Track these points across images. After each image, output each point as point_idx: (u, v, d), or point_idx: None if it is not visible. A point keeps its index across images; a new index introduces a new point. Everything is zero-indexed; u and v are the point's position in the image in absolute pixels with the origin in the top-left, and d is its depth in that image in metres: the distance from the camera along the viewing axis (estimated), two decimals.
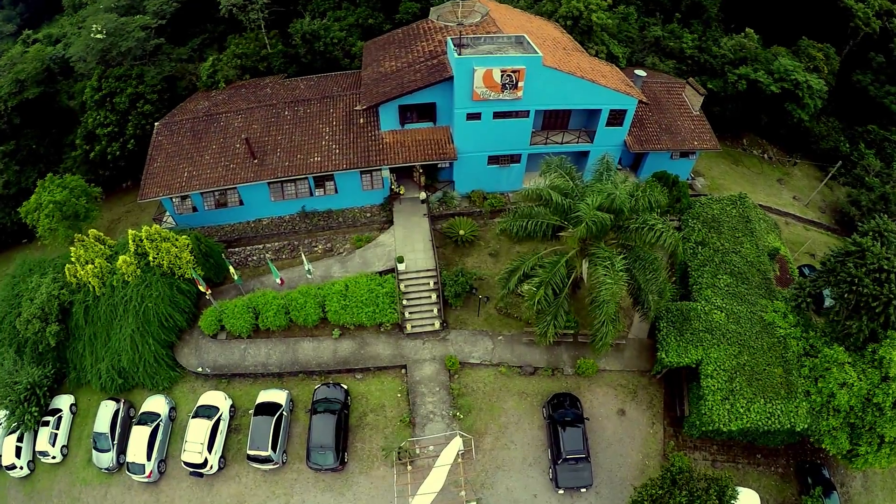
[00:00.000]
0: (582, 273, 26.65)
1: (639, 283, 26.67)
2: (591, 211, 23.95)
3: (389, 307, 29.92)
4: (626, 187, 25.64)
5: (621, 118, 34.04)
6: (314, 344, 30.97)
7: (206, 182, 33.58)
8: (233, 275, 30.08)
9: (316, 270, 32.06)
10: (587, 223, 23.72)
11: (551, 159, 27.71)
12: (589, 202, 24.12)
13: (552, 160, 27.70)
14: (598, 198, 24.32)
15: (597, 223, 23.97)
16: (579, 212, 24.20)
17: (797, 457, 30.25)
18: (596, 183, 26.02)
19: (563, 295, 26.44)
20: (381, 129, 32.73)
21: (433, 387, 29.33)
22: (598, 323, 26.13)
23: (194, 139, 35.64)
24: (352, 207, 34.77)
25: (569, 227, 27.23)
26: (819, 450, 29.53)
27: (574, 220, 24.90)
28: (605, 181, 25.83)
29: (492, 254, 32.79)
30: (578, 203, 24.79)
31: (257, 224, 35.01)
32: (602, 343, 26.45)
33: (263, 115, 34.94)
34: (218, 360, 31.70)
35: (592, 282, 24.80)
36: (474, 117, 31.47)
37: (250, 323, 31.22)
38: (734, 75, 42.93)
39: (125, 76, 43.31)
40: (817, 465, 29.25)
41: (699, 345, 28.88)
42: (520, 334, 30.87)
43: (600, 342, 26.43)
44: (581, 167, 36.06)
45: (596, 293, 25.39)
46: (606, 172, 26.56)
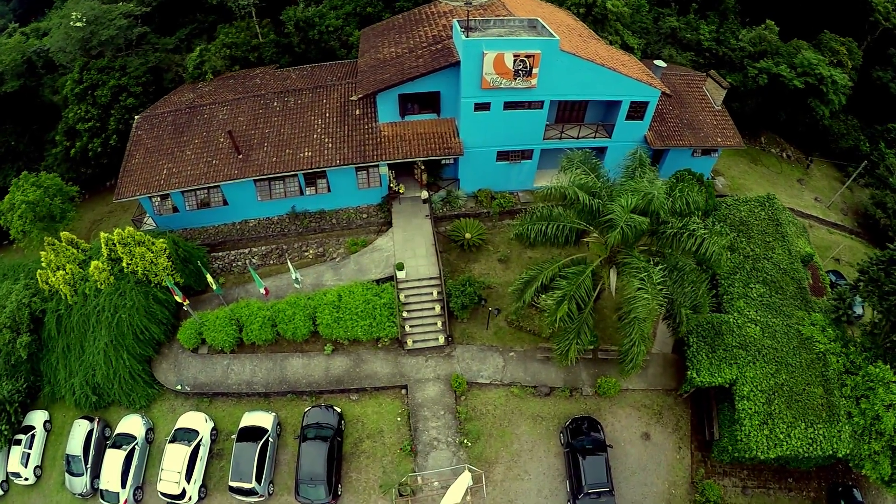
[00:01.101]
0: (609, 285, 21.95)
1: (672, 296, 21.99)
2: (625, 214, 19.23)
3: (388, 320, 25.15)
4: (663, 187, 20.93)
5: (642, 111, 29.27)
6: (304, 360, 26.18)
7: (186, 180, 28.73)
8: (211, 283, 25.27)
9: (306, 278, 27.24)
10: (622, 228, 19.00)
11: (573, 154, 22.95)
12: (623, 203, 19.38)
13: (574, 155, 22.94)
14: (632, 199, 19.59)
15: (632, 228, 19.27)
16: (611, 214, 19.48)
17: (829, 479, 25.85)
18: (628, 181, 21.29)
19: (587, 310, 21.73)
20: (379, 122, 27.89)
21: (437, 410, 24.58)
22: (627, 342, 21.46)
23: (175, 133, 30.77)
24: (346, 208, 29.88)
25: (593, 232, 22.54)
26: (850, 470, 25.50)
27: (604, 223, 20.19)
28: (639, 179, 21.11)
29: (501, 259, 28.02)
30: (609, 204, 20.06)
31: (243, 226, 30.14)
32: (633, 364, 21.77)
33: (250, 107, 30.08)
34: (199, 376, 26.94)
35: (626, 296, 20.08)
36: (483, 108, 26.67)
37: (233, 336, 26.45)
38: (754, 69, 38.18)
39: (108, 68, 38.39)
40: (849, 487, 25.18)
41: (733, 362, 24.52)
42: (533, 350, 26.16)
43: (630, 363, 21.74)
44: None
45: (628, 308, 20.67)
46: (639, 169, 21.81)
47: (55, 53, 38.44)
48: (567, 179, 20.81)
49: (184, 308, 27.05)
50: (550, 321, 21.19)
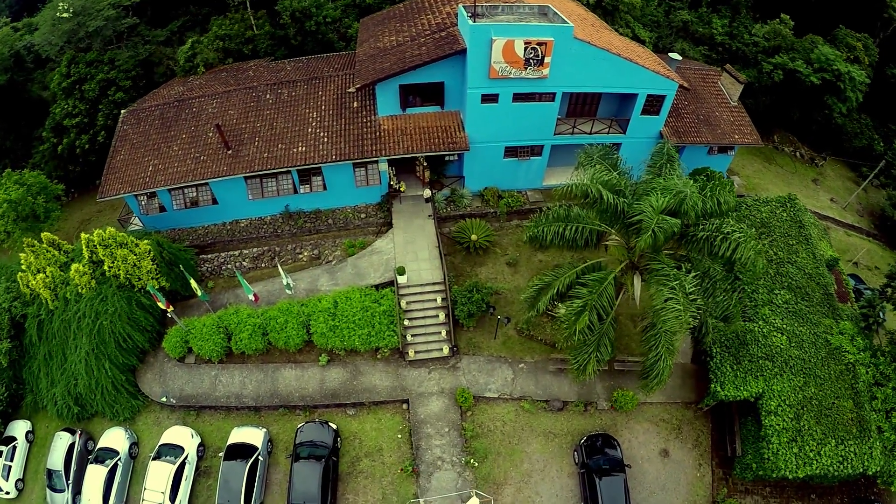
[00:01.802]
0: (633, 293, 19.23)
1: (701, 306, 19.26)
2: (657, 214, 16.49)
3: (388, 329, 22.37)
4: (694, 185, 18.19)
5: (659, 105, 26.51)
6: (297, 372, 23.38)
7: (172, 177, 25.93)
8: (195, 289, 22.46)
9: (299, 282, 24.42)
10: (653, 230, 16.26)
11: (591, 149, 20.21)
12: (654, 203, 16.63)
13: (592, 150, 20.19)
14: (663, 198, 16.84)
15: (664, 230, 16.53)
16: (639, 215, 16.73)
17: (851, 494, 23.37)
18: (655, 178, 18.53)
19: (608, 320, 19.00)
20: (379, 115, 25.08)
21: (441, 427, 21.82)
22: (653, 355, 18.78)
23: (163, 128, 27.94)
24: (343, 207, 27.02)
25: (612, 235, 19.80)
26: (873, 483, 23.18)
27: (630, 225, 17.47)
28: (668, 176, 18.38)
29: (510, 263, 25.21)
30: (636, 204, 17.31)
31: (234, 226, 27.30)
32: (658, 380, 19.10)
33: (241, 100, 27.25)
34: (185, 388, 24.16)
35: (654, 306, 17.34)
36: (490, 99, 23.88)
37: (221, 346, 23.67)
38: (769, 65, 35.51)
39: (97, 61, 35.56)
40: (871, 502, 22.87)
41: (759, 375, 22.04)
42: (545, 361, 23.40)
43: (655, 379, 19.06)
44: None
45: (654, 319, 17.99)
46: (667, 165, 19.05)
47: (41, 45, 35.54)
48: (586, 176, 18.02)
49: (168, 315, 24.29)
50: (569, 333, 18.45)
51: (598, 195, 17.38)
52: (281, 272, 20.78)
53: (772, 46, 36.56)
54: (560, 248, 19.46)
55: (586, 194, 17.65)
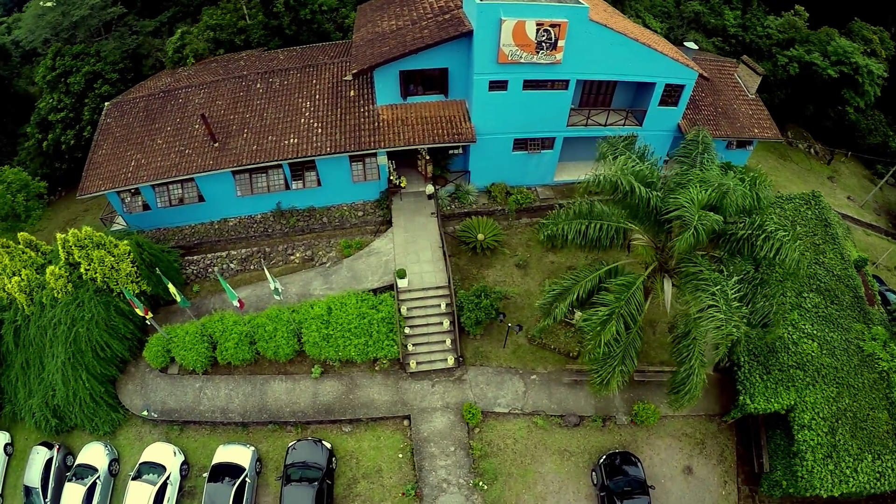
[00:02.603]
0: (664, 299, 16.44)
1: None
2: (698, 210, 13.70)
3: (387, 338, 19.53)
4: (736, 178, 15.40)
5: (677, 96, 23.72)
6: (288, 385, 20.52)
7: (155, 172, 23.07)
8: (175, 295, 19.59)
9: (291, 286, 21.53)
10: (695, 228, 13.47)
11: (614, 139, 17.43)
12: (694, 197, 13.83)
13: (615, 139, 17.41)
14: (704, 192, 14.05)
15: (706, 228, 13.74)
16: (677, 211, 13.93)
17: None
18: (692, 170, 15.71)
19: (635, 329, 16.19)
20: (377, 104, 22.22)
21: (446, 445, 18.99)
22: (685, 369, 16.05)
23: (147, 120, 25.07)
24: (339, 205, 24.06)
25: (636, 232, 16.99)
26: None
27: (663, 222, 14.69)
28: (708, 167, 15.59)
29: (519, 264, 22.35)
30: (672, 198, 14.50)
31: (222, 225, 24.40)
32: (690, 396, 16.35)
33: (230, 89, 24.37)
34: (167, 401, 21.33)
35: (693, 316, 14.55)
36: (499, 86, 21.05)
37: (206, 356, 20.84)
38: (784, 57, 32.72)
39: (83, 54, 32.70)
40: None
41: (790, 385, 19.34)
42: (559, 372, 20.58)
43: (687, 394, 16.31)
44: None
45: (693, 329, 15.21)
46: (703, 155, 16.25)
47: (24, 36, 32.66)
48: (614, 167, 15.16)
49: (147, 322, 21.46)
50: (592, 346, 15.62)
51: (629, 188, 14.56)
52: (268, 276, 17.87)
53: (786, 39, 33.83)
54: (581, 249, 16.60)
55: (615, 187, 14.81)
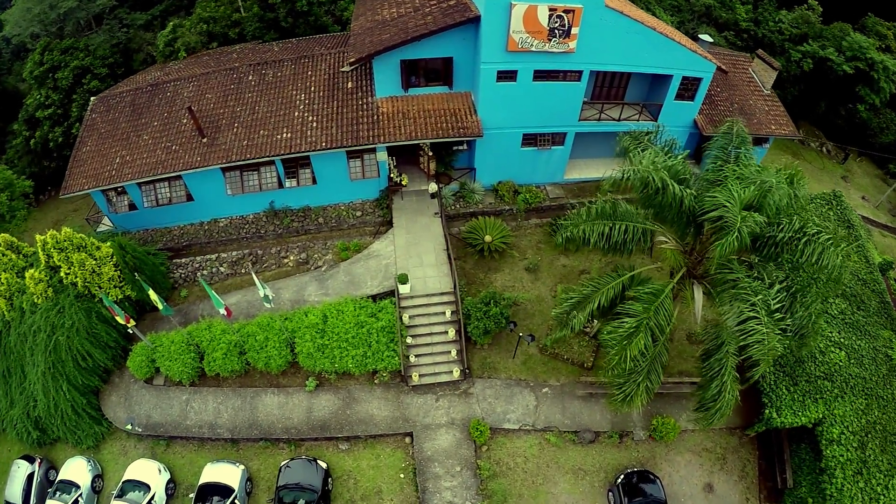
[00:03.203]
0: (694, 309, 14.42)
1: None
2: (740, 210, 11.69)
3: (387, 348, 17.47)
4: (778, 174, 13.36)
5: (694, 90, 21.71)
6: (280, 398, 18.45)
7: (140, 169, 21.01)
8: (156, 302, 17.51)
9: (284, 292, 19.42)
10: (738, 232, 11.46)
11: (638, 133, 15.45)
12: (735, 195, 11.81)
13: (639, 133, 15.43)
14: (745, 190, 12.04)
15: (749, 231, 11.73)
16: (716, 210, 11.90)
17: None
18: (727, 166, 13.67)
19: (662, 341, 14.16)
20: (377, 96, 20.13)
21: (452, 465, 16.95)
22: (716, 385, 14.09)
23: (134, 115, 23.00)
24: (336, 204, 21.93)
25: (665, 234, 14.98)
26: None
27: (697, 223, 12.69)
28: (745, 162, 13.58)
29: (529, 268, 20.28)
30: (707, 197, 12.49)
31: (212, 226, 22.30)
32: (721, 414, 14.39)
33: (221, 82, 22.28)
34: (152, 414, 19.28)
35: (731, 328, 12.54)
36: (507, 77, 19.00)
37: (192, 366, 18.79)
38: (798, 53, 30.77)
39: (72, 48, 30.69)
40: None
41: (818, 397, 17.48)
42: (573, 384, 18.55)
43: (718, 412, 14.35)
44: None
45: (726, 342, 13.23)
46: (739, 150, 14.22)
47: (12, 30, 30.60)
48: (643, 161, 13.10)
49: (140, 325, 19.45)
50: (617, 361, 13.58)
51: (661, 185, 12.52)
52: (257, 282, 15.75)
53: (799, 34, 31.87)
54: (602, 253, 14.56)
55: (645, 184, 12.77)
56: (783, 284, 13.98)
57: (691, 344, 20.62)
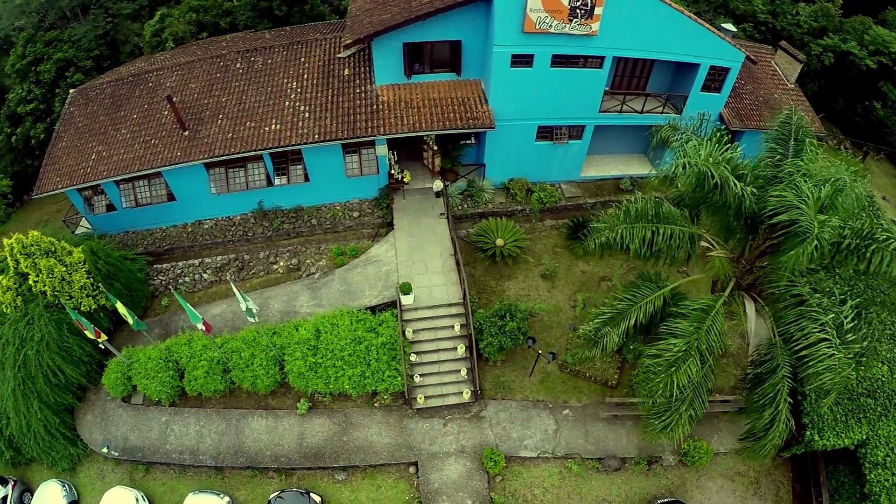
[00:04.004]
0: (747, 327, 11.87)
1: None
2: (815, 213, 9.13)
3: (388, 367, 14.81)
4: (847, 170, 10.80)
5: (721, 81, 19.08)
6: (269, 422, 15.80)
7: (116, 166, 18.35)
8: (125, 316, 14.84)
9: (272, 301, 16.72)
10: (817, 240, 8.90)
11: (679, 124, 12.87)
12: (808, 194, 9.23)
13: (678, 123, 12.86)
14: (819, 189, 9.47)
15: (828, 237, 9.16)
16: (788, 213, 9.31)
17: None
18: (791, 160, 11.03)
19: (710, 363, 11.58)
20: (376, 84, 17.47)
21: (462, 498, 14.33)
22: (769, 413, 11.60)
23: (112, 108, 20.31)
24: (331, 204, 19.24)
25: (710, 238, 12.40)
26: None
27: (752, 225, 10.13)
28: (809, 157, 10.98)
29: (546, 275, 17.63)
30: (771, 197, 9.90)
31: (196, 228, 19.63)
32: (772, 446, 11.92)
33: (206, 70, 19.59)
34: (130, 436, 16.68)
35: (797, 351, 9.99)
36: (523, 62, 16.35)
37: (171, 385, 16.14)
38: (818, 47, 28.19)
39: (56, 40, 28.04)
40: None
41: (861, 416, 15.05)
42: (596, 404, 15.94)
43: (769, 443, 11.87)
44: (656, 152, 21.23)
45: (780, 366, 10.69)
46: (799, 142, 11.61)
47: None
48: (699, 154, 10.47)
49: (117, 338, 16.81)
50: (661, 390, 11.00)
51: (720, 182, 9.92)
52: (237, 294, 13.10)
53: (818, 27, 29.28)
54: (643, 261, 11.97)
55: (700, 181, 10.15)
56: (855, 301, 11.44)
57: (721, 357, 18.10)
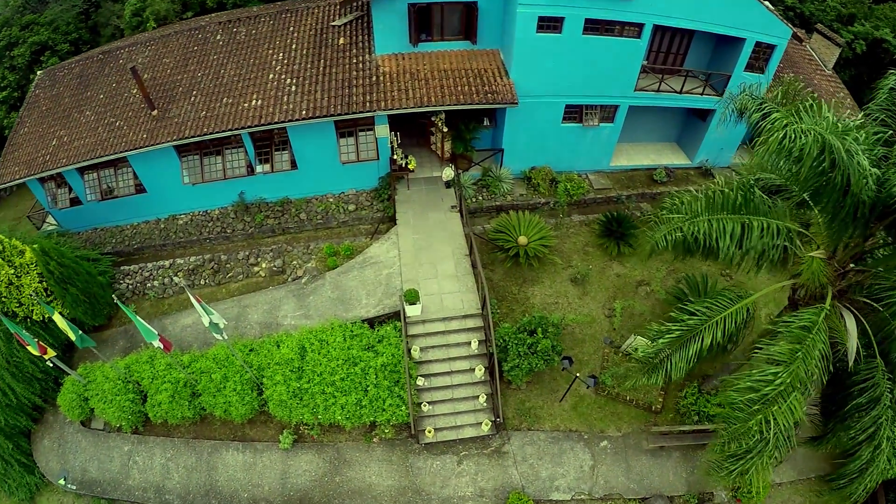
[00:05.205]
0: (849, 346, 8.58)
1: None
2: None
3: (390, 394, 11.39)
4: None
5: (766, 60, 15.73)
6: (246, 457, 12.39)
7: (76, 153, 14.95)
8: (66, 330, 11.39)
9: (250, 311, 13.22)
10: None
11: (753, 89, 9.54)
12: None
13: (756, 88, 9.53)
14: None
15: None
16: None
17: None
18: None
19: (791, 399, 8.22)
20: (376, 53, 14.12)
21: None
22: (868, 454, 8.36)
23: (79, 89, 16.89)
24: (323, 195, 15.70)
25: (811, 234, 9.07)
26: None
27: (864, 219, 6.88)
28: None
29: (576, 279, 14.23)
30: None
31: (170, 225, 16.18)
32: (866, 491, 8.67)
33: (182, 44, 16.16)
34: (89, 467, 13.33)
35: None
36: (551, 26, 12.96)
37: (132, 410, 12.71)
38: (849, 34, 24.94)
39: (33, 24, 24.67)
40: None
41: None
42: (638, 433, 12.59)
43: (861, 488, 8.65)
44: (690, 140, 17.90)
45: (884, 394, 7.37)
46: None
47: None
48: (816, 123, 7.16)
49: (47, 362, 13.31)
50: (754, 433, 7.71)
51: (846, 158, 6.60)
52: (197, 306, 9.65)
53: (848, 14, 26.05)
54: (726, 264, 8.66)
55: (818, 156, 6.81)
56: None
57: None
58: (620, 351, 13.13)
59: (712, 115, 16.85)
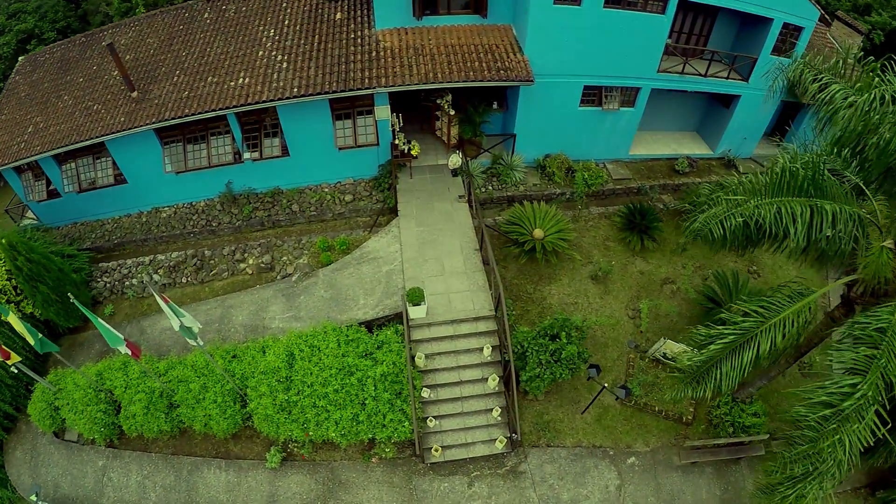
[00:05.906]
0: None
1: None
2: None
3: (391, 407, 9.74)
4: None
5: (792, 43, 14.20)
6: (230, 476, 10.77)
7: (52, 139, 13.36)
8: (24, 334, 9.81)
9: (235, 312, 11.54)
10: None
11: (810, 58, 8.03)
12: None
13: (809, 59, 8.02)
14: None
15: None
16: None
17: None
18: None
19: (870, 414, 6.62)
20: (376, 28, 12.54)
21: None
22: None
23: (60, 73, 15.34)
24: (318, 185, 14.06)
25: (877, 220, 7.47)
26: None
27: None
28: None
29: (596, 276, 12.59)
30: None
31: (153, 218, 14.56)
32: None
33: (168, 23, 14.61)
34: (61, 482, 11.71)
35: None
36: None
37: (104, 422, 11.07)
38: (866, 24, 23.44)
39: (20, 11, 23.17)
40: None
41: None
42: (668, 447, 10.98)
43: None
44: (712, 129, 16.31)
45: None
46: None
47: None
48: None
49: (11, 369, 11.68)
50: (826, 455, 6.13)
51: None
52: (165, 308, 8.01)
53: (863, 4, 24.52)
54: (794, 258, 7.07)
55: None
56: None
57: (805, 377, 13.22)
58: (647, 356, 11.52)
59: (737, 101, 15.28)
